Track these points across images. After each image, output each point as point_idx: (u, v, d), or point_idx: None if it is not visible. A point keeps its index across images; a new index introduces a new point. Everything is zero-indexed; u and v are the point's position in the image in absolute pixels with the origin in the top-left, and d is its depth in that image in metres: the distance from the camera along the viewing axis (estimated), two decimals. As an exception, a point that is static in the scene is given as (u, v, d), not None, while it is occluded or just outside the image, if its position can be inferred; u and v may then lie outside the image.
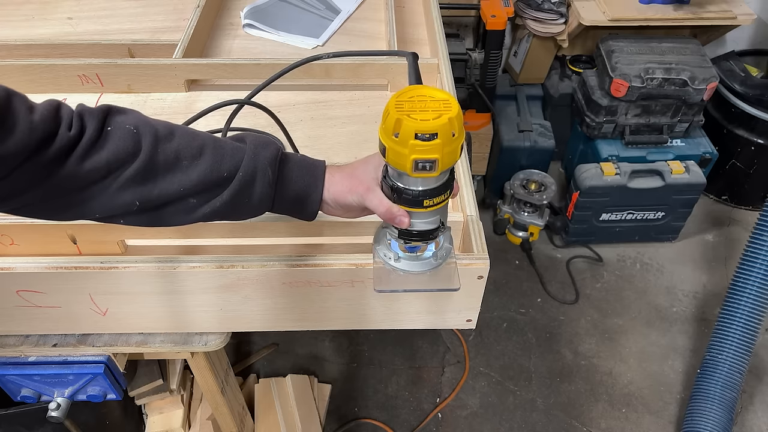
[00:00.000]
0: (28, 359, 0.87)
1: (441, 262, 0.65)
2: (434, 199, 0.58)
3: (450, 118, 0.51)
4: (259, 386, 1.58)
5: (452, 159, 0.54)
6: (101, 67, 1.09)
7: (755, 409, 1.73)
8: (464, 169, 0.87)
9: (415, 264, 0.64)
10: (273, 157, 0.61)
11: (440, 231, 0.62)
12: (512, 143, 2.06)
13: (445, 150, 0.52)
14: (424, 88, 0.55)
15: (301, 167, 0.63)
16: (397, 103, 0.53)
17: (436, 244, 0.65)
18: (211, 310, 0.81)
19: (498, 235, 2.19)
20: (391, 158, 0.54)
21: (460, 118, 0.53)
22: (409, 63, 0.66)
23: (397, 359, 1.83)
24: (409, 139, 0.51)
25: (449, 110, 0.52)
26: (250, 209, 0.62)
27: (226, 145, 0.60)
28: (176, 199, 0.58)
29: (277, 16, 1.36)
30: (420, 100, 0.53)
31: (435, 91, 0.54)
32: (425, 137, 0.51)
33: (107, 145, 0.55)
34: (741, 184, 2.23)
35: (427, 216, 0.60)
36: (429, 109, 0.52)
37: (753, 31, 2.29)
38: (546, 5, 1.96)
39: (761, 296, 1.51)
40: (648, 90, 1.83)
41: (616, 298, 2.00)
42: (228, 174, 0.59)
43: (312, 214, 0.65)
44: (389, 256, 0.64)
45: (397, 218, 0.59)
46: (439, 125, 0.51)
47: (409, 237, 0.61)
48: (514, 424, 1.69)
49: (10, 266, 0.73)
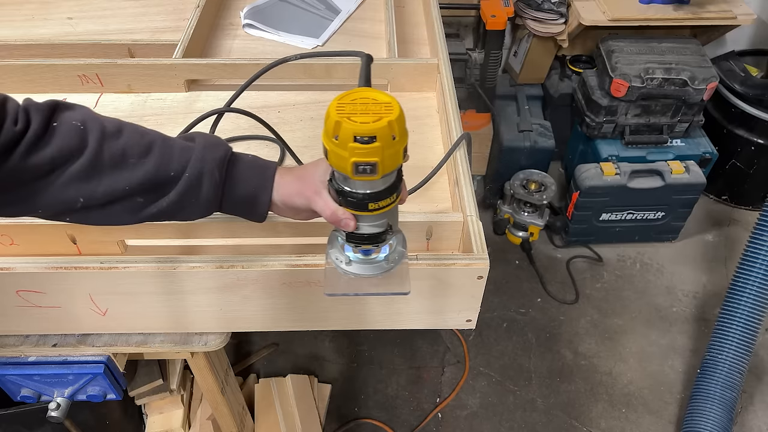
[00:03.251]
0: (28, 359, 0.87)
1: (393, 265, 0.65)
2: (379, 202, 0.57)
3: (390, 122, 0.51)
4: (259, 386, 1.58)
5: (394, 162, 0.54)
6: (101, 67, 1.09)
7: (755, 409, 1.73)
8: (464, 169, 0.87)
9: (366, 267, 0.64)
10: (221, 159, 0.61)
11: (388, 234, 0.62)
12: (512, 143, 2.06)
13: (386, 153, 0.52)
14: (368, 90, 0.55)
15: (250, 169, 0.63)
16: (338, 105, 0.52)
17: (390, 246, 0.65)
18: (210, 310, 0.81)
19: (498, 235, 2.19)
20: (333, 161, 0.54)
21: (402, 121, 0.53)
22: (362, 64, 0.65)
23: (397, 359, 1.83)
24: (348, 141, 0.51)
25: (390, 113, 0.51)
26: (198, 210, 0.62)
27: (175, 145, 0.60)
28: (122, 198, 0.58)
29: (277, 16, 1.36)
30: (362, 102, 0.53)
31: (379, 94, 0.54)
32: (364, 140, 0.51)
33: (52, 140, 0.54)
34: (741, 184, 2.23)
35: (373, 219, 0.59)
36: (370, 112, 0.52)
37: (753, 31, 2.29)
38: (546, 5, 1.96)
39: (761, 296, 1.51)
40: (648, 90, 1.83)
41: (616, 298, 2.00)
42: (175, 174, 0.59)
43: (262, 215, 0.65)
44: (341, 259, 0.64)
45: (342, 221, 0.59)
46: (378, 128, 0.50)
47: (355, 240, 0.61)
48: (514, 424, 1.69)
49: (10, 266, 0.73)
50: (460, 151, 0.91)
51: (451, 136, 0.93)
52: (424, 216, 0.83)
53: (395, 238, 0.66)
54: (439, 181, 0.97)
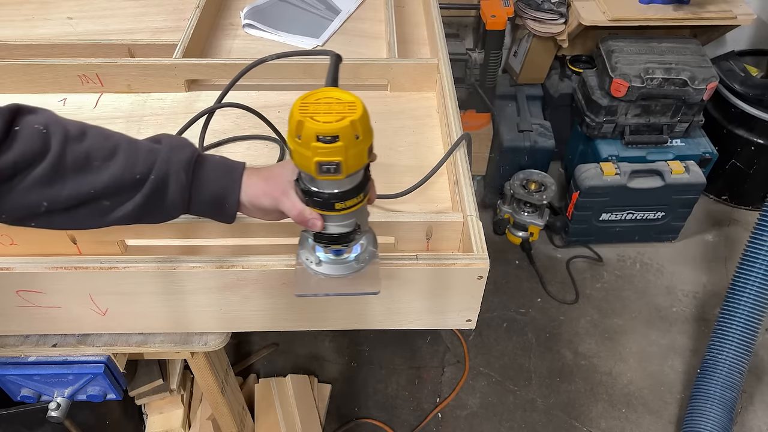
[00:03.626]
0: (28, 359, 0.87)
1: (364, 265, 0.65)
2: (346, 202, 0.57)
3: (352, 121, 0.51)
4: (259, 386, 1.58)
5: (359, 162, 0.54)
6: (101, 67, 1.09)
7: (755, 409, 1.73)
8: (464, 169, 0.87)
9: (336, 268, 0.64)
10: (187, 160, 0.61)
11: (357, 234, 0.62)
12: (512, 143, 2.06)
13: (349, 153, 0.52)
14: (333, 90, 0.55)
15: (217, 170, 0.63)
16: (302, 105, 0.52)
17: (362, 246, 0.64)
18: (210, 310, 0.81)
19: (498, 235, 2.19)
20: (297, 160, 0.54)
21: (365, 120, 0.53)
22: (330, 63, 0.65)
23: (397, 359, 1.83)
24: (310, 141, 0.51)
25: (353, 113, 0.52)
26: (165, 212, 0.62)
27: (141, 147, 0.60)
28: (87, 201, 0.57)
29: (277, 16, 1.36)
30: (326, 102, 0.53)
31: (343, 94, 0.54)
32: (327, 139, 0.51)
33: (14, 145, 0.54)
34: (741, 184, 2.23)
35: (340, 219, 0.59)
36: (333, 112, 0.52)
37: (753, 31, 2.29)
38: (546, 5, 1.96)
39: (761, 296, 1.51)
40: (648, 90, 1.83)
41: (616, 298, 2.00)
42: (141, 176, 0.58)
43: (230, 216, 0.65)
44: (311, 259, 0.64)
45: (309, 221, 0.59)
46: (340, 127, 0.51)
47: (323, 240, 0.61)
48: (514, 424, 1.69)
49: (10, 266, 0.73)
50: (460, 151, 0.91)
51: (451, 136, 0.94)
52: (424, 216, 0.83)
53: (366, 238, 0.65)
54: (439, 181, 0.97)
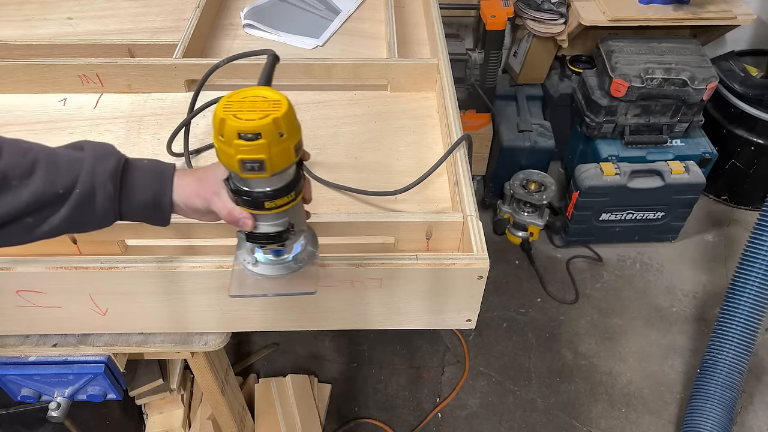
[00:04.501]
0: (28, 359, 0.87)
1: (302, 265, 0.64)
2: (276, 201, 0.57)
3: (275, 119, 0.51)
4: (259, 386, 1.58)
5: (284, 160, 0.54)
6: (101, 67, 1.09)
7: (755, 409, 1.73)
8: (464, 169, 0.87)
9: (273, 268, 0.63)
10: (113, 170, 0.60)
11: (290, 234, 0.61)
12: (512, 143, 2.06)
13: (273, 150, 0.52)
14: (260, 89, 0.54)
15: (147, 175, 0.63)
16: (226, 103, 0.52)
17: (301, 247, 0.64)
18: (210, 310, 0.81)
19: (498, 235, 2.19)
20: (222, 159, 0.54)
21: (290, 118, 0.52)
22: (266, 63, 0.65)
23: (397, 359, 1.83)
24: (233, 138, 0.51)
25: (277, 110, 0.51)
26: (96, 222, 0.61)
27: (62, 160, 0.59)
28: (10, 221, 0.57)
29: (277, 16, 1.36)
30: (251, 100, 0.52)
31: (270, 93, 0.54)
32: (248, 137, 0.50)
33: None
34: (741, 184, 2.23)
35: (271, 218, 0.59)
36: (257, 110, 0.51)
37: (753, 31, 2.29)
38: (546, 5, 1.96)
39: (761, 296, 1.51)
40: (648, 90, 1.83)
41: (616, 298, 2.00)
42: (64, 191, 0.58)
43: (165, 219, 0.64)
44: (248, 260, 0.64)
45: (240, 221, 0.59)
46: (262, 125, 0.50)
47: (255, 240, 0.61)
48: (514, 424, 1.69)
49: (10, 266, 0.73)
50: (460, 151, 0.91)
51: (451, 136, 0.94)
52: (424, 216, 0.83)
53: (305, 238, 0.65)
54: (439, 181, 0.97)
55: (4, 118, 1.07)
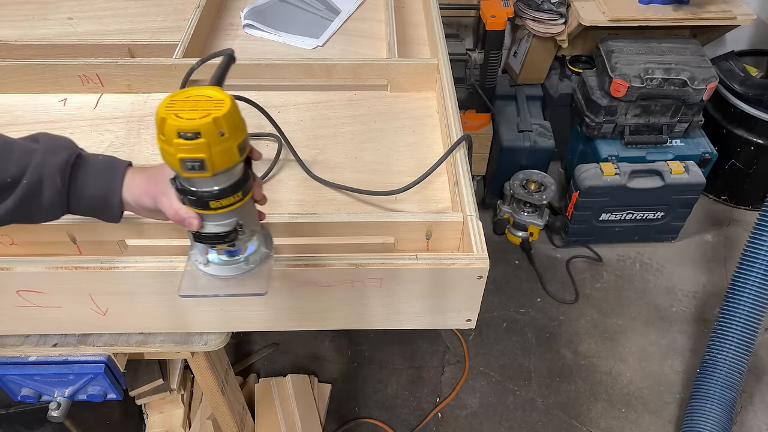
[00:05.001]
0: (28, 359, 0.87)
1: (254, 266, 0.64)
2: (221, 200, 0.56)
3: (216, 118, 0.50)
4: (259, 386, 1.58)
5: (227, 159, 0.53)
6: (101, 67, 1.09)
7: (755, 409, 1.73)
8: (464, 169, 0.87)
9: (225, 269, 0.63)
10: (63, 163, 0.60)
11: (239, 234, 0.60)
12: (512, 143, 2.06)
13: (214, 150, 0.51)
14: (207, 88, 0.54)
15: (98, 170, 0.63)
16: (169, 102, 0.52)
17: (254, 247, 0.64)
18: (211, 310, 0.81)
19: (498, 235, 2.19)
20: (164, 158, 0.53)
21: (232, 118, 0.52)
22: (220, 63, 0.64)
23: (397, 359, 1.83)
24: (173, 137, 0.51)
25: (219, 110, 0.51)
26: (44, 214, 0.62)
27: (15, 150, 0.59)
28: None
29: (277, 17, 1.36)
30: (195, 99, 0.52)
31: (215, 92, 0.53)
32: (188, 136, 0.50)
33: None
34: (740, 184, 2.24)
35: (218, 218, 0.58)
36: (199, 109, 0.51)
37: (753, 31, 2.30)
38: (546, 5, 1.96)
39: (761, 296, 1.51)
40: (648, 90, 1.84)
41: (616, 298, 2.00)
42: (12, 180, 0.58)
43: (115, 216, 0.64)
44: (200, 260, 0.63)
45: (186, 221, 0.58)
46: (202, 124, 0.50)
47: (202, 240, 0.60)
48: (514, 424, 1.69)
49: (10, 266, 0.73)
50: (459, 151, 0.91)
51: (451, 136, 0.94)
52: (424, 216, 0.83)
53: (259, 239, 0.65)
54: (439, 181, 0.97)
55: (4, 118, 1.07)
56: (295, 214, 0.82)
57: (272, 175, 0.98)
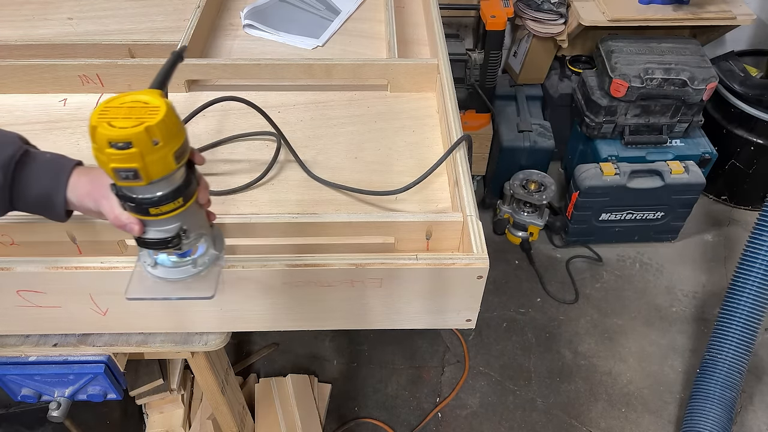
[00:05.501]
0: (28, 359, 0.87)
1: (202, 269, 0.63)
2: (161, 207, 0.55)
3: (148, 127, 0.49)
4: (259, 386, 1.58)
5: (162, 168, 0.52)
6: (101, 67, 1.09)
7: (755, 409, 1.73)
8: (464, 169, 0.87)
9: (173, 271, 0.63)
10: (7, 159, 0.60)
11: (182, 239, 0.59)
12: (512, 143, 2.06)
13: (147, 159, 0.50)
14: (145, 93, 0.53)
15: (44, 169, 0.63)
16: (102, 109, 0.51)
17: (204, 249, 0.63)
18: (211, 310, 0.81)
19: (498, 235, 2.19)
20: (99, 166, 0.52)
21: (167, 126, 0.51)
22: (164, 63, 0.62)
23: (397, 359, 1.83)
24: (104, 147, 0.49)
25: (153, 118, 0.50)
26: None
27: None
28: None
29: (277, 17, 1.36)
30: (129, 106, 0.51)
31: (152, 98, 0.52)
32: (119, 146, 0.49)
33: None
34: (740, 184, 2.24)
35: (160, 224, 0.58)
36: (132, 117, 0.50)
37: (752, 31, 2.30)
38: (545, 5, 1.96)
39: (760, 296, 1.51)
40: (647, 90, 1.84)
41: (616, 298, 2.00)
42: None
43: (59, 215, 0.64)
44: (148, 262, 0.63)
45: (126, 226, 0.58)
46: (132, 134, 0.49)
47: (144, 245, 0.60)
48: (514, 424, 1.69)
49: (10, 266, 0.73)
50: (459, 151, 0.91)
51: (451, 136, 0.94)
52: (423, 216, 0.83)
53: (208, 241, 0.64)
54: (439, 181, 0.97)
55: (4, 119, 1.07)
56: (295, 214, 0.82)
57: (273, 176, 0.98)
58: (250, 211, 0.92)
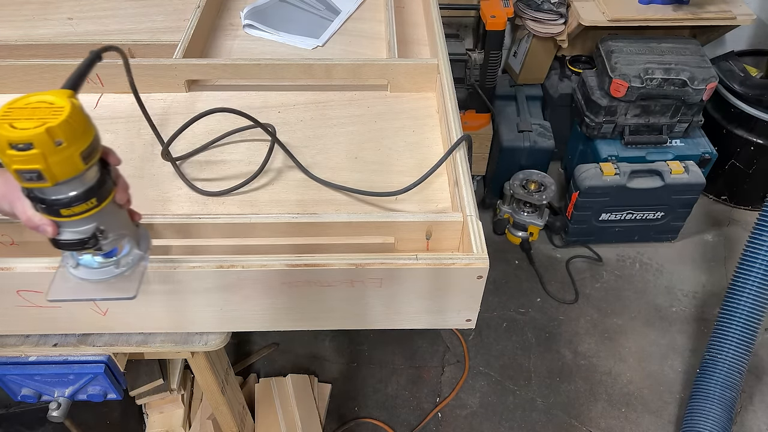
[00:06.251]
0: (28, 359, 0.87)
1: (125, 269, 0.63)
2: (73, 208, 0.54)
3: (50, 128, 0.48)
4: (259, 386, 1.59)
5: (68, 168, 0.51)
6: (101, 67, 1.09)
7: (755, 409, 1.73)
8: (464, 170, 0.87)
9: (95, 272, 0.62)
10: None
11: (99, 240, 0.59)
12: (512, 143, 2.06)
13: (51, 160, 0.49)
14: (50, 93, 0.52)
15: None
16: (6, 110, 0.50)
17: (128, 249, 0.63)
18: (211, 310, 0.81)
19: (498, 235, 2.19)
20: (5, 167, 0.51)
21: (70, 126, 0.50)
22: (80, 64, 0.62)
23: (397, 359, 1.83)
24: (5, 148, 0.48)
25: (56, 118, 0.49)
26: None
27: None
28: None
29: (277, 17, 1.36)
30: (34, 107, 0.50)
31: (57, 98, 0.51)
32: (20, 147, 0.48)
33: None
34: (740, 184, 2.24)
35: (73, 225, 0.57)
36: (35, 117, 0.49)
37: (752, 31, 2.30)
38: (545, 5, 1.96)
39: (760, 296, 1.51)
40: (647, 90, 1.84)
41: (616, 298, 2.00)
42: None
43: None
44: (70, 262, 0.63)
45: (39, 228, 0.57)
46: (33, 135, 0.48)
47: (59, 246, 0.59)
48: (514, 424, 1.69)
49: (10, 266, 0.73)
50: (459, 151, 0.91)
51: (451, 136, 0.94)
52: (423, 216, 0.83)
53: (132, 241, 0.64)
54: (439, 181, 0.97)
55: (4, 118, 1.07)
56: (295, 214, 0.82)
57: (273, 176, 0.98)
58: (250, 211, 0.92)
